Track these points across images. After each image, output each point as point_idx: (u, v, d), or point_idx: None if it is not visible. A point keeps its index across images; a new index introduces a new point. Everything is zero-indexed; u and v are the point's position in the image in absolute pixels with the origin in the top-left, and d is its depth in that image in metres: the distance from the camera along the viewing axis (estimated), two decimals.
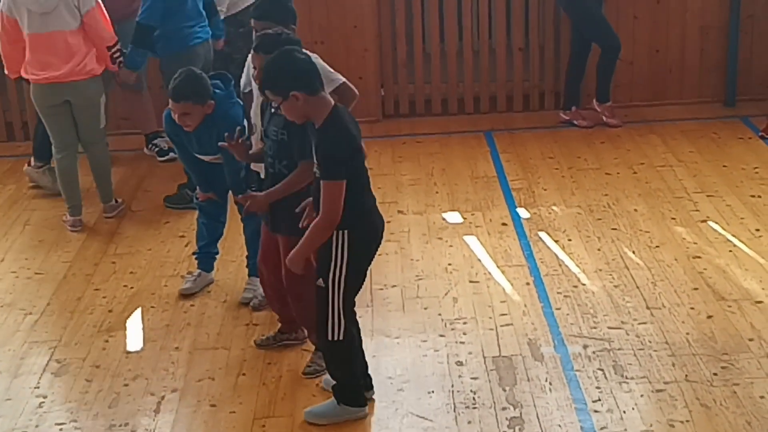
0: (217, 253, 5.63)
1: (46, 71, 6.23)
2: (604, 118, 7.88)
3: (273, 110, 4.47)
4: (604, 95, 7.90)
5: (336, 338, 4.20)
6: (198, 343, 5.03)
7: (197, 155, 5.28)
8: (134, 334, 5.18)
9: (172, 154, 7.51)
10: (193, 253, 5.66)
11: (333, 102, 4.12)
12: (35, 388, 4.72)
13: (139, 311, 5.41)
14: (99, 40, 6.28)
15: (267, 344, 4.94)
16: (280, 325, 4.95)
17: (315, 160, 4.09)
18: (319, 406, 4.39)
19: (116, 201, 6.66)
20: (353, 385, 4.36)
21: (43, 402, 4.60)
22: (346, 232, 4.10)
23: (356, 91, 5.04)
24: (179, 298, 5.48)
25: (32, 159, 7.14)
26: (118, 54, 6.36)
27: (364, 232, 4.18)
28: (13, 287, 5.76)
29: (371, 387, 4.49)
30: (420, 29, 8.32)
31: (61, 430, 4.39)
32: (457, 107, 8.43)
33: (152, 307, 5.44)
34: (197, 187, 5.44)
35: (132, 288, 5.65)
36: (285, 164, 4.55)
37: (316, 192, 4.15)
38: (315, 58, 4.90)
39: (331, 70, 4.97)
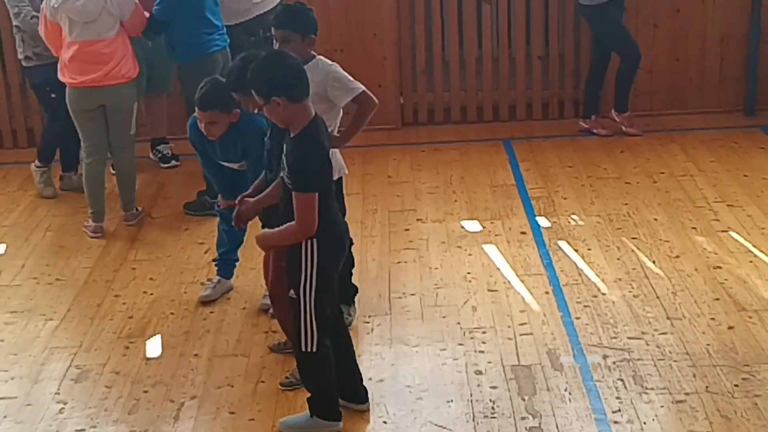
0: (237, 260, 5.64)
1: (84, 76, 6.29)
2: (623, 128, 7.86)
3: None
4: (623, 105, 7.88)
5: (308, 349, 4.18)
6: (217, 350, 5.04)
7: (221, 163, 5.30)
8: (154, 341, 5.19)
9: (174, 162, 7.57)
10: (213, 260, 5.68)
11: (313, 113, 4.09)
12: (56, 393, 4.74)
13: (158, 318, 5.42)
14: (135, 31, 6.44)
15: (280, 350, 4.95)
16: None
17: (285, 167, 4.09)
18: (293, 418, 4.37)
19: (137, 209, 6.68)
20: (327, 398, 4.31)
21: (63, 408, 4.62)
22: (314, 241, 4.10)
23: (376, 100, 5.05)
24: (199, 304, 5.49)
25: (36, 159, 7.21)
26: None
27: (331, 240, 4.18)
28: (34, 293, 5.78)
29: (365, 399, 4.44)
30: (439, 37, 8.32)
31: None
32: (477, 115, 8.42)
33: (172, 313, 5.45)
34: (219, 195, 5.46)
35: (152, 294, 5.67)
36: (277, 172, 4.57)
37: (286, 200, 4.14)
38: (335, 67, 4.92)
39: (351, 80, 4.98)
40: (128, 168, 6.60)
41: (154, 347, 5.13)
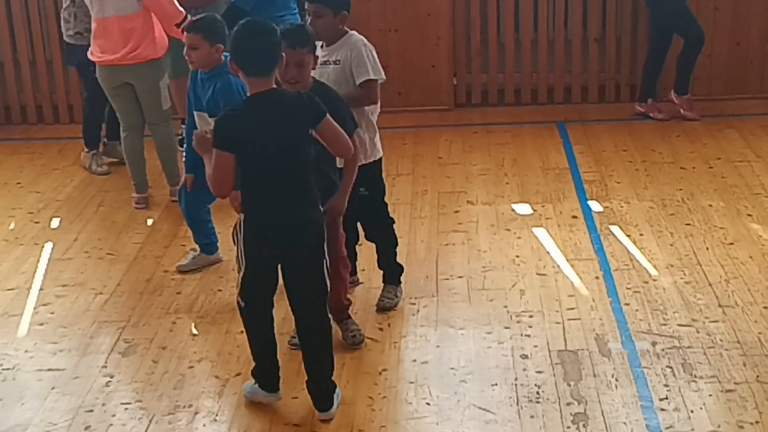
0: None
1: (105, 54, 6.35)
2: (682, 111, 7.73)
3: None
4: (684, 87, 7.74)
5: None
6: None
7: (194, 113, 5.35)
8: (201, 317, 5.22)
9: None
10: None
11: (263, 88, 4.02)
12: (103, 367, 4.78)
13: (206, 294, 5.44)
14: (166, 19, 6.27)
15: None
16: None
17: None
18: (247, 384, 4.47)
19: None
20: (258, 367, 4.38)
21: (110, 381, 4.66)
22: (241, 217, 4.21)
23: (377, 97, 4.90)
24: None
25: (84, 147, 7.30)
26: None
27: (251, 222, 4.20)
28: (85, 267, 5.84)
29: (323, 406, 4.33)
30: (495, 18, 8.24)
31: (126, 409, 4.43)
32: (531, 97, 8.35)
33: (219, 290, 5.47)
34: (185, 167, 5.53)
35: (200, 271, 5.69)
36: (320, 148, 4.54)
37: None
38: (362, 45, 4.85)
39: (370, 64, 4.85)
40: (165, 143, 6.61)
41: (201, 323, 5.16)
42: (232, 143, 4.04)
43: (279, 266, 4.26)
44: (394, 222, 5.25)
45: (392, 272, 5.21)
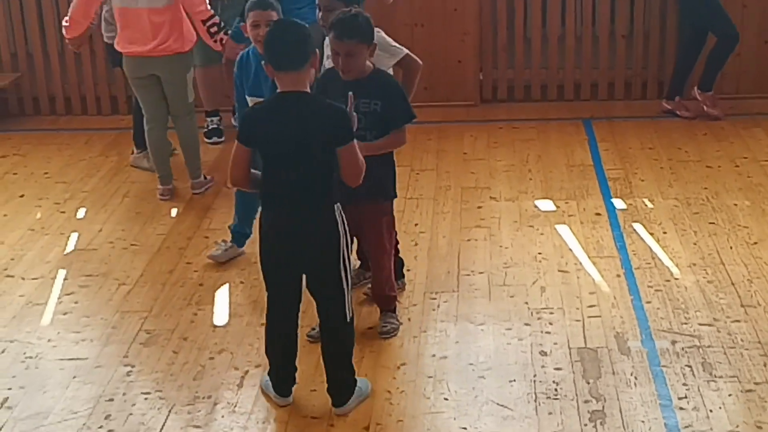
0: (250, 234, 5.66)
1: (132, 45, 6.37)
2: (705, 108, 7.68)
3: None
4: (708, 84, 7.69)
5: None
6: None
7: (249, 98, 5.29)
8: (222, 309, 5.25)
9: (216, 138, 7.57)
10: (229, 226, 5.79)
11: (289, 88, 4.01)
12: (124, 357, 4.82)
13: (228, 286, 5.48)
14: (194, 14, 6.31)
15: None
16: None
17: None
18: (266, 373, 4.48)
19: (205, 177, 6.73)
20: (273, 373, 4.39)
21: (131, 371, 4.70)
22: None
23: (419, 62, 5.00)
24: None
25: (134, 148, 7.28)
26: (215, 29, 6.29)
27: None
28: (109, 257, 5.89)
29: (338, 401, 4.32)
30: (522, 13, 8.21)
31: (146, 399, 4.47)
32: (557, 93, 8.32)
33: (241, 282, 5.50)
34: None
35: (223, 263, 5.72)
36: (375, 134, 4.61)
37: None
38: (377, 32, 4.84)
39: (393, 44, 4.95)
40: (188, 136, 6.63)
41: (221, 315, 5.19)
42: (250, 139, 4.07)
43: (299, 274, 4.27)
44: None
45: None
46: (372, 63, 4.68)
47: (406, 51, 4.97)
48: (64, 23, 6.74)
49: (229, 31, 6.34)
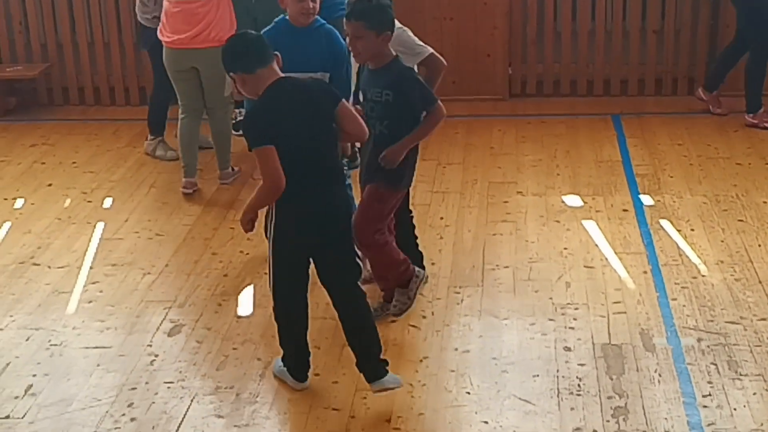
0: None
1: (174, 35, 6.38)
2: (711, 108, 7.61)
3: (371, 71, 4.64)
4: (715, 85, 7.61)
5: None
6: None
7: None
8: (246, 300, 5.25)
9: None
10: None
11: (275, 77, 4.12)
12: (148, 346, 4.83)
13: (252, 277, 5.48)
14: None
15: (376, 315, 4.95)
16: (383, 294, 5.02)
17: None
18: (279, 359, 4.50)
19: (233, 169, 6.75)
20: (288, 358, 4.42)
21: (155, 360, 4.71)
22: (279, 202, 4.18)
23: (444, 62, 4.96)
24: None
25: (148, 135, 7.31)
26: None
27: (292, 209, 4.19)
28: (135, 247, 5.91)
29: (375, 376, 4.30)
30: (552, 7, 8.17)
31: (169, 388, 4.48)
32: (587, 89, 8.28)
33: (265, 273, 5.45)
34: None
35: (248, 254, 5.73)
36: (386, 124, 4.59)
37: None
38: (402, 31, 4.85)
39: (418, 43, 4.93)
40: (222, 128, 6.66)
41: (246, 306, 5.20)
42: (267, 136, 4.07)
43: (310, 257, 4.31)
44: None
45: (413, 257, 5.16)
46: (392, 53, 4.66)
47: (431, 51, 4.94)
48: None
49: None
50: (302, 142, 4.11)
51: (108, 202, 6.57)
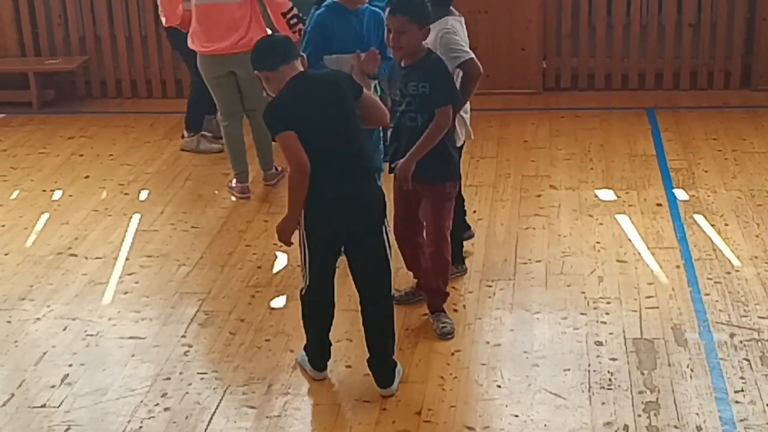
0: None
1: (212, 43, 6.30)
2: None
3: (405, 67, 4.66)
4: None
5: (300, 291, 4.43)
6: (339, 305, 5.02)
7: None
8: (279, 291, 5.30)
9: None
10: None
11: (295, 72, 4.23)
12: (182, 336, 4.89)
13: (285, 269, 5.52)
14: (273, 6, 6.24)
15: (403, 300, 4.99)
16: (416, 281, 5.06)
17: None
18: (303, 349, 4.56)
19: (276, 169, 6.68)
20: (309, 346, 4.48)
21: (188, 351, 4.77)
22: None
23: (480, 69, 4.88)
24: None
25: (184, 131, 7.33)
26: (294, 20, 6.23)
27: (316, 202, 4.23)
28: (170, 239, 5.97)
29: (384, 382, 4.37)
30: (587, 1, 8.14)
31: (202, 379, 4.53)
32: (621, 83, 8.24)
33: (299, 265, 5.50)
34: None
35: (281, 246, 5.73)
36: (426, 117, 4.62)
37: None
38: (447, 32, 4.84)
39: (460, 46, 4.85)
40: (263, 129, 6.51)
41: (278, 298, 5.24)
42: (288, 122, 4.16)
43: (342, 248, 4.34)
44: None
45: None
46: (426, 45, 4.68)
47: (471, 56, 4.90)
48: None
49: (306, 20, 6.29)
50: (323, 130, 4.18)
51: (144, 195, 6.64)
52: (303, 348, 4.54)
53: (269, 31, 6.43)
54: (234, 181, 6.58)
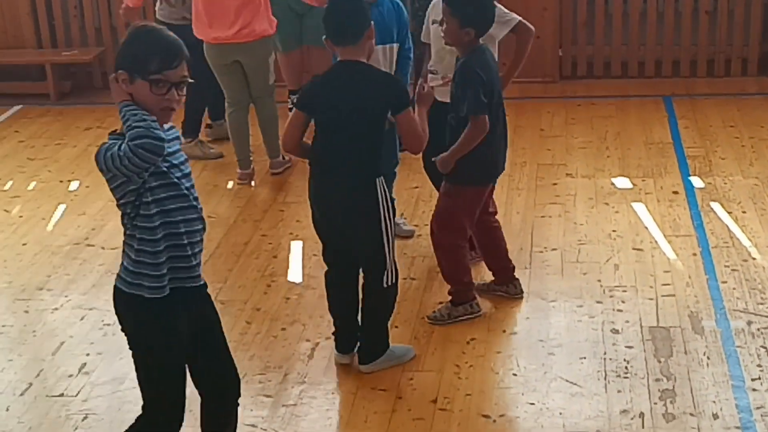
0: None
1: (214, 31, 6.28)
2: None
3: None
4: None
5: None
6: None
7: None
8: (295, 281, 5.31)
9: None
10: None
11: (348, 58, 4.18)
12: None
13: (301, 258, 5.53)
14: None
15: (483, 289, 5.00)
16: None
17: None
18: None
19: (283, 158, 6.68)
20: (334, 323, 4.52)
21: None
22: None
23: (532, 28, 5.01)
24: None
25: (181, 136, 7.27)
26: None
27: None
28: None
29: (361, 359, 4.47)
30: None
31: None
32: (637, 70, 8.21)
33: (314, 255, 5.53)
34: None
35: (297, 236, 5.79)
36: (452, 116, 4.60)
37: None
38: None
39: (506, 12, 4.97)
40: (269, 117, 6.59)
41: (294, 287, 5.25)
42: (307, 106, 4.22)
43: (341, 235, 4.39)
44: None
45: None
46: (473, 48, 4.57)
47: (519, 19, 4.94)
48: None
49: None
50: (337, 127, 4.17)
51: None
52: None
53: (275, 20, 6.43)
54: (238, 168, 6.63)
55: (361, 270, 4.42)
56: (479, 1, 4.56)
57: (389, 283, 4.36)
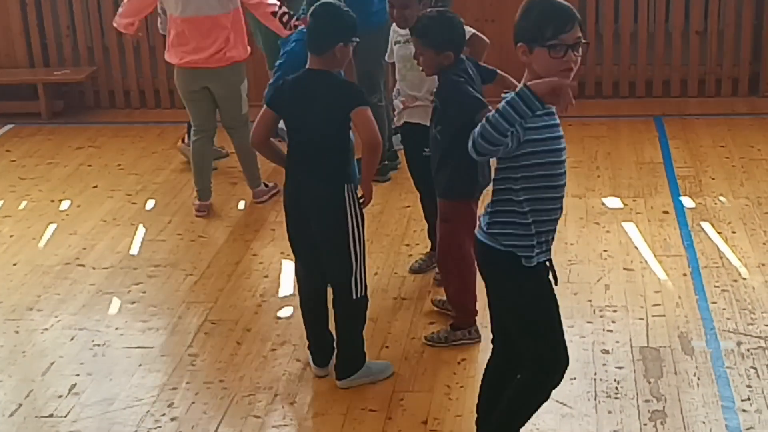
0: None
1: (188, 54, 6.16)
2: None
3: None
4: None
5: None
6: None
7: None
8: (286, 301, 5.30)
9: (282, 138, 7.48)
10: None
11: (314, 66, 4.29)
12: (189, 346, 4.90)
13: (292, 278, 5.51)
14: (262, 8, 6.11)
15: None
16: None
17: None
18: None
19: (266, 185, 6.56)
20: (307, 338, 4.61)
21: (195, 360, 4.78)
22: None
23: (486, 40, 5.00)
24: None
25: (185, 136, 7.25)
26: (286, 17, 6.07)
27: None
28: (177, 248, 5.99)
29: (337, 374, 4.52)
30: (593, 9, 8.14)
31: (209, 388, 4.54)
32: (629, 90, 8.24)
33: None
34: None
35: (288, 255, 5.74)
36: (439, 129, 4.61)
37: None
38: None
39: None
40: (245, 146, 6.28)
41: (285, 307, 5.24)
42: (276, 105, 4.32)
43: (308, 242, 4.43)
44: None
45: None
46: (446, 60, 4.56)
47: (473, 31, 4.92)
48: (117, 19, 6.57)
49: (302, 16, 6.22)
50: (300, 129, 4.28)
51: (151, 204, 6.66)
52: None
53: (249, 49, 6.36)
54: (195, 199, 6.46)
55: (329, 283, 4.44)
56: (447, 24, 4.54)
57: (358, 295, 4.36)
